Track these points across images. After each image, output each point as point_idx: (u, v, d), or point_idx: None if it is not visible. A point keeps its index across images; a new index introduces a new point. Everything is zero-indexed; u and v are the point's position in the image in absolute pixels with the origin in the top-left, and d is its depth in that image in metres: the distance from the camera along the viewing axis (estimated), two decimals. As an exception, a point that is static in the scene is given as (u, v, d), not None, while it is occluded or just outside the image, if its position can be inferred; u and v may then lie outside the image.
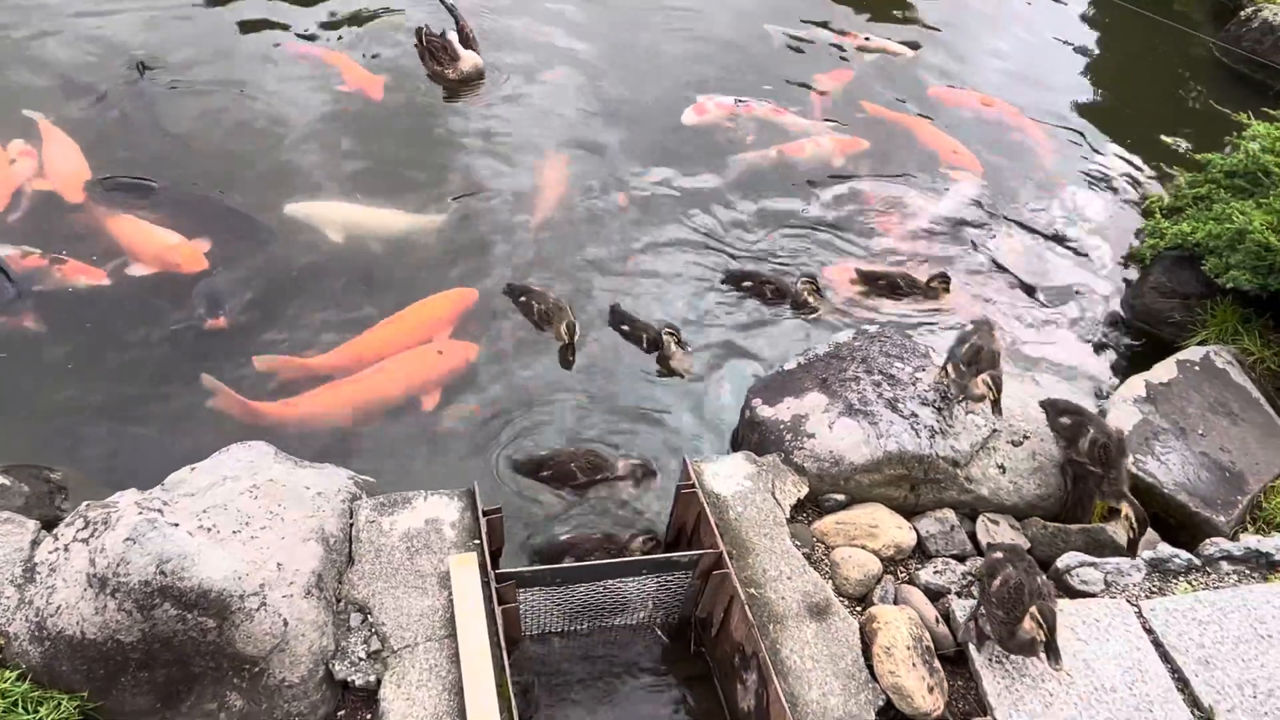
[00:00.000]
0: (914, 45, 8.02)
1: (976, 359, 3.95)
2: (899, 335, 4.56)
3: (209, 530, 3.09)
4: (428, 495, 3.59)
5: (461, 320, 5.05)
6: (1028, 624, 3.16)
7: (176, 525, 3.02)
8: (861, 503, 3.96)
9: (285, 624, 2.96)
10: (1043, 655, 3.19)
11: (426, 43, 6.83)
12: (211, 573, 2.92)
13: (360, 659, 3.06)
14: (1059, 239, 6.29)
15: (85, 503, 3.18)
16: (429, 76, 6.82)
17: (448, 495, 3.60)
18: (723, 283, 5.53)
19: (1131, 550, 3.82)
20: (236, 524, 3.16)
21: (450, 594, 3.24)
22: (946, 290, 5.59)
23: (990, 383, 3.86)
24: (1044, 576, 3.37)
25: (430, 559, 3.36)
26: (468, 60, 6.78)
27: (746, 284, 5.51)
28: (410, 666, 3.05)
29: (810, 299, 5.40)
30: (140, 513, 3.01)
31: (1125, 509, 3.75)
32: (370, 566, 3.31)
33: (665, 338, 4.98)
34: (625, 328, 5.13)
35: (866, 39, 7.91)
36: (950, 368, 4.05)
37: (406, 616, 3.18)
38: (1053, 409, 4.15)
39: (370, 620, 3.16)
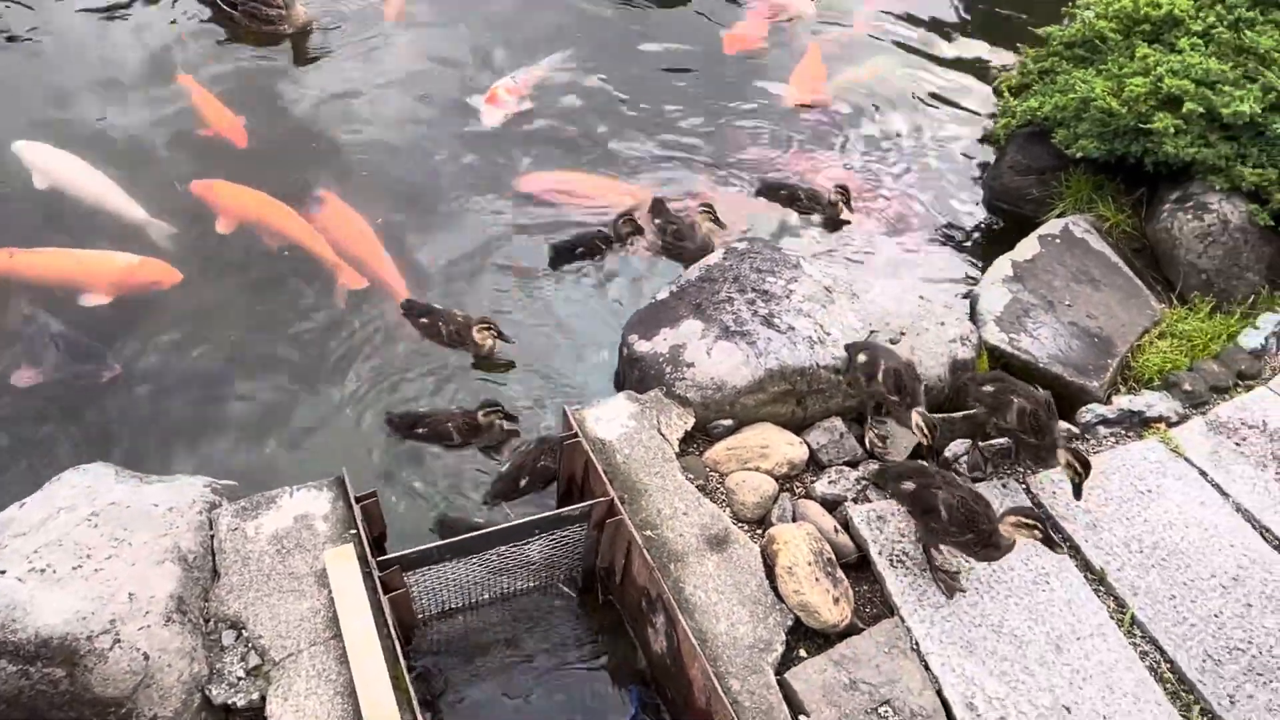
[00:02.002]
0: None
1: (900, 382, 3.62)
2: (768, 249, 4.47)
3: (43, 571, 2.79)
4: (294, 491, 3.34)
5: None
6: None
7: (3, 573, 2.72)
8: (750, 425, 3.89)
9: (146, 658, 2.71)
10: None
11: (235, 3, 6.26)
12: (50, 618, 2.65)
13: (239, 678, 2.84)
14: (913, 132, 6.28)
15: (-105, 565, 2.83)
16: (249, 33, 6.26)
17: (316, 487, 3.36)
18: (757, 194, 5.57)
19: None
20: (75, 559, 2.87)
21: (330, 591, 3.03)
22: (848, 204, 5.45)
23: (924, 425, 3.53)
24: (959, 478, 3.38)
25: (304, 558, 3.14)
26: (299, 7, 6.27)
27: (783, 192, 5.53)
28: (296, 676, 2.85)
29: (843, 208, 5.41)
30: (-44, 566, 2.69)
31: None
32: (239, 577, 3.07)
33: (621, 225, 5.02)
34: (580, 249, 5.05)
35: None
36: (886, 415, 3.78)
37: (285, 624, 2.96)
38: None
39: (245, 635, 2.94)
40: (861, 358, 3.81)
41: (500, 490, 3.97)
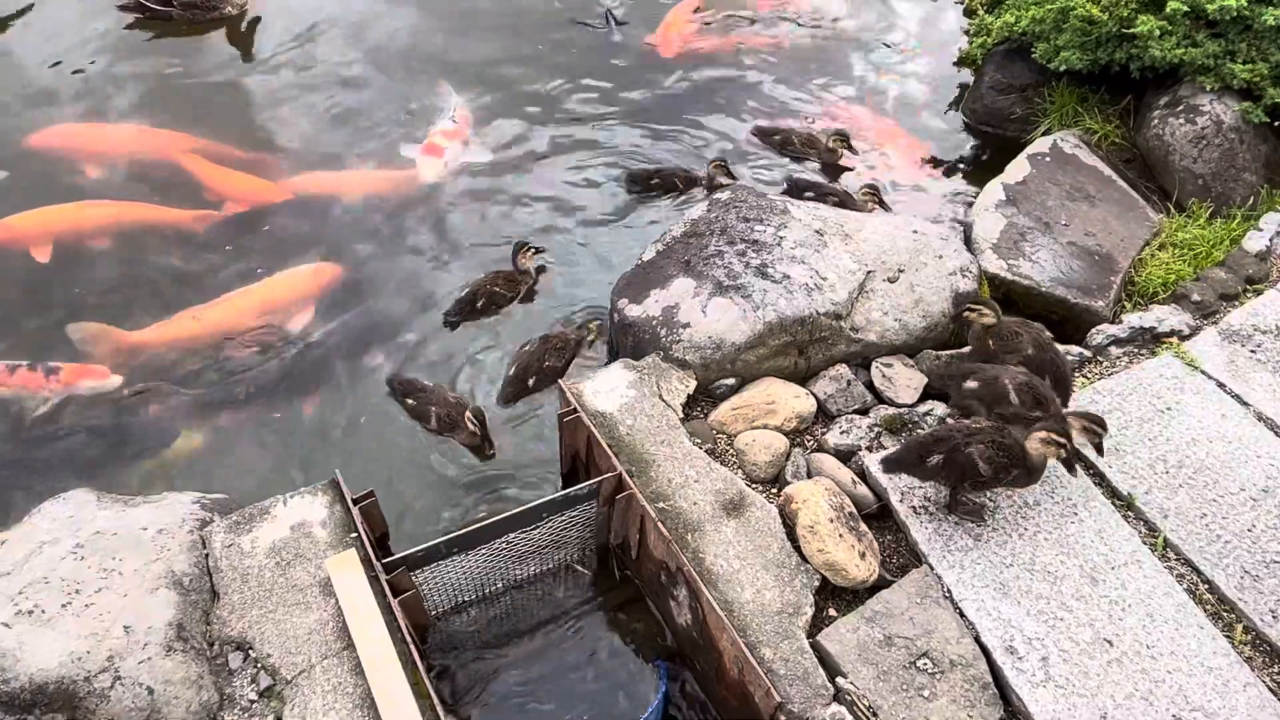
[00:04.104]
0: None
1: (1038, 395, 3.23)
2: (753, 196, 4.29)
3: (31, 613, 2.64)
4: (288, 499, 3.19)
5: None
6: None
7: (-13, 619, 2.56)
8: (753, 381, 3.75)
9: (150, 692, 2.57)
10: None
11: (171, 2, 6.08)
12: (43, 663, 2.50)
13: (251, 701, 2.71)
14: (889, 63, 6.08)
15: None
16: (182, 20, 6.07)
17: (310, 493, 3.20)
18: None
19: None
20: (64, 595, 2.71)
21: (337, 600, 2.90)
22: (848, 148, 5.28)
23: (1095, 426, 3.17)
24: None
25: (306, 569, 2.99)
26: None
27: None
28: (311, 693, 2.72)
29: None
30: (-63, 618, 2.53)
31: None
32: (239, 596, 2.92)
33: (713, 169, 5.06)
34: (655, 180, 5.09)
35: None
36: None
37: (294, 640, 2.82)
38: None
39: (253, 655, 2.80)
40: (971, 385, 3.32)
41: (510, 394, 4.13)
